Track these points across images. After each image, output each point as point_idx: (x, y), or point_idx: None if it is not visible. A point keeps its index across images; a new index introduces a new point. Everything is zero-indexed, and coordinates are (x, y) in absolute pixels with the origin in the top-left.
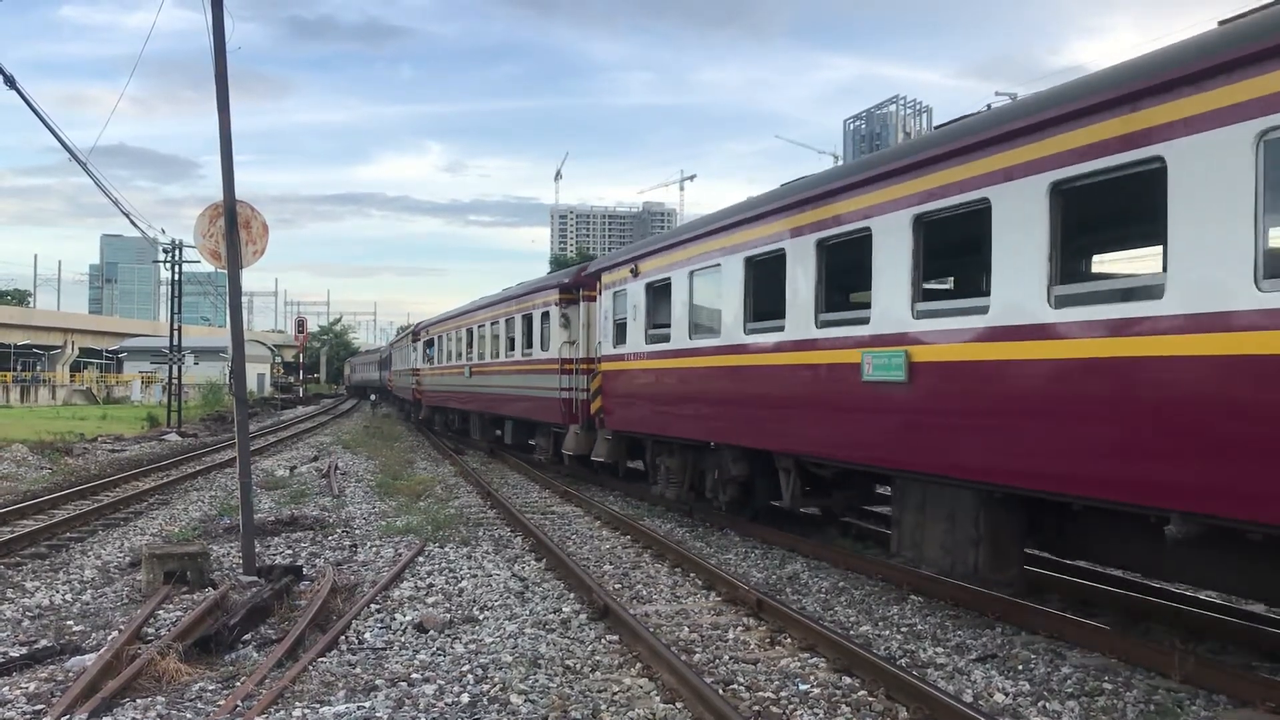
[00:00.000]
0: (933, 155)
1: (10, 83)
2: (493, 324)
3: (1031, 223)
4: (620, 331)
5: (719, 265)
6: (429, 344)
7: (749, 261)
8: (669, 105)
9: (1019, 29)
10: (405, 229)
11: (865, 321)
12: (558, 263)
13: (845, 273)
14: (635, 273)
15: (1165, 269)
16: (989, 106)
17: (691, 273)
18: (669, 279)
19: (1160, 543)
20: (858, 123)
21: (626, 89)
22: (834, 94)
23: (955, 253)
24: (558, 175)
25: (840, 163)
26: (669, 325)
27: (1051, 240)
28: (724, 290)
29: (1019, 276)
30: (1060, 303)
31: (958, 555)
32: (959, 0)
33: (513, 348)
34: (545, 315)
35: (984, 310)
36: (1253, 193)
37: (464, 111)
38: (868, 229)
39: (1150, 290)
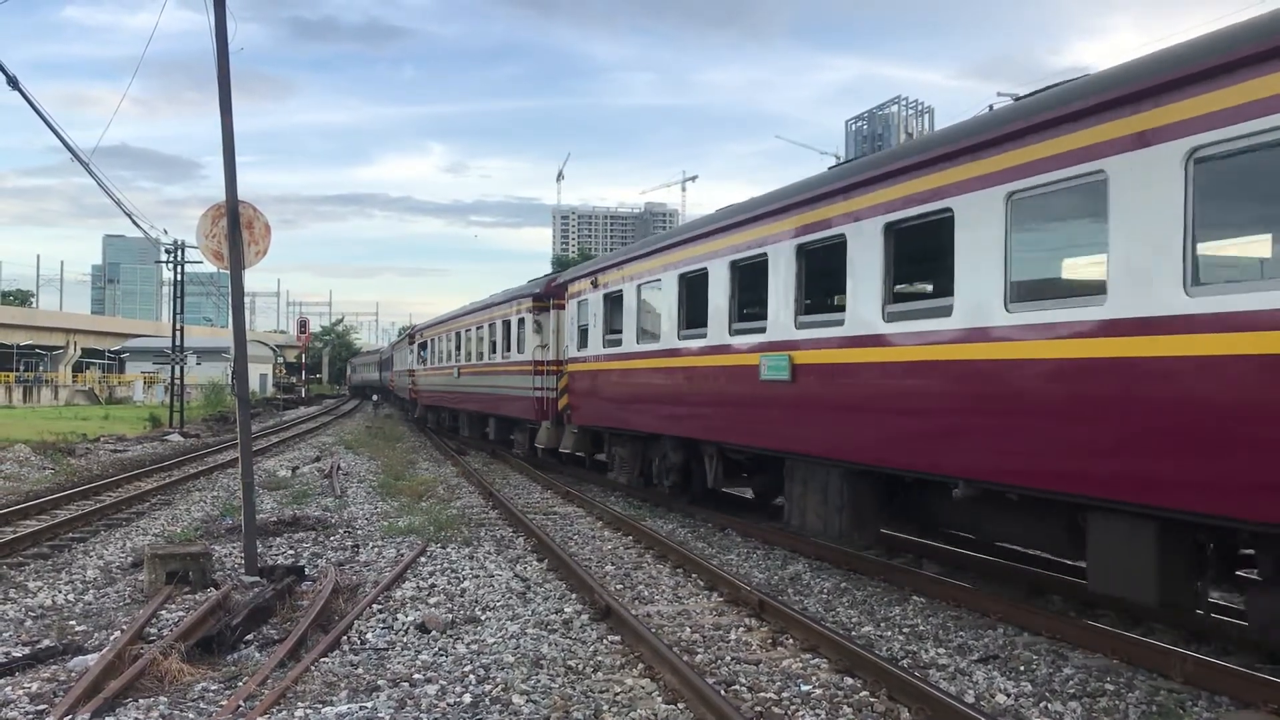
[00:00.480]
0: (806, 198)
1: (13, 83)
2: (477, 328)
3: (874, 254)
4: (583, 336)
5: (659, 280)
6: (423, 346)
7: (682, 278)
8: (670, 106)
9: (1020, 29)
10: (407, 229)
11: (763, 330)
12: (559, 263)
13: (752, 289)
14: (595, 284)
15: (954, 293)
16: (989, 107)
17: (639, 285)
18: (621, 290)
19: (951, 502)
20: (859, 123)
21: (628, 89)
22: (835, 95)
23: (826, 275)
24: (560, 176)
25: (842, 162)
26: (621, 331)
27: (885, 269)
28: (663, 301)
29: (865, 296)
30: (890, 318)
31: (828, 520)
32: (960, 1)
33: (494, 351)
34: (521, 321)
35: (841, 323)
36: (1002, 238)
37: (465, 112)
38: (764, 254)
39: (942, 309)
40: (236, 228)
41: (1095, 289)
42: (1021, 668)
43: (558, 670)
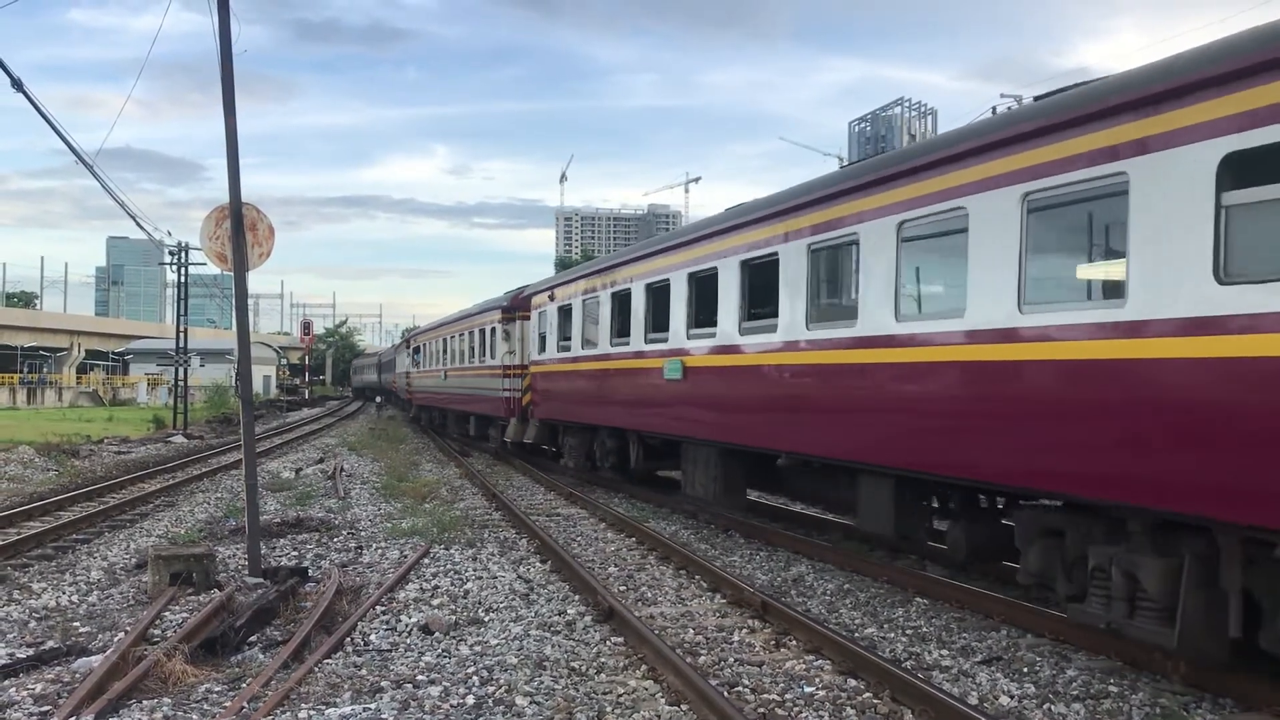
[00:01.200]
0: (694, 237)
1: (18, 86)
2: (459, 336)
3: (734, 285)
4: (542, 342)
5: (598, 296)
6: (416, 351)
7: (614, 295)
8: (673, 107)
9: (1023, 31)
10: (410, 231)
11: (666, 339)
12: (562, 264)
13: (663, 306)
14: (551, 298)
15: (777, 315)
16: (1004, 107)
17: (583, 300)
18: (570, 304)
19: (781, 471)
20: (862, 124)
21: (631, 91)
22: (838, 96)
23: (709, 297)
24: (563, 177)
25: (844, 163)
26: (570, 338)
27: (742, 296)
28: (601, 314)
29: (730, 314)
30: (744, 332)
31: (707, 490)
32: (963, 2)
33: (472, 356)
34: (493, 330)
35: (714, 335)
36: (806, 275)
37: (468, 114)
38: (668, 280)
39: (772, 326)
40: (240, 229)
41: (849, 313)
42: (1025, 669)
43: (561, 672)
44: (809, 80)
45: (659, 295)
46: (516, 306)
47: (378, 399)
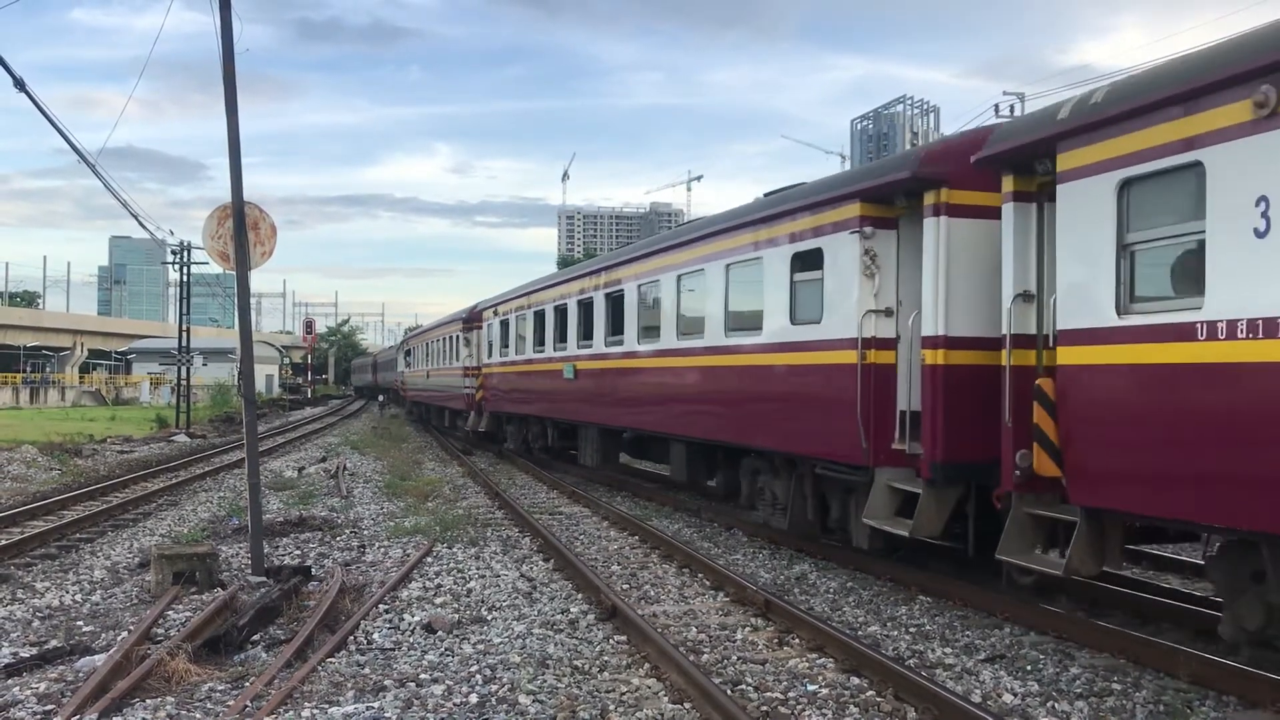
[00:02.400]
0: (582, 273)
1: (20, 85)
2: (437, 341)
3: (601, 310)
4: (490, 348)
5: (525, 313)
6: (408, 353)
7: (534, 313)
8: (677, 106)
9: (1026, 29)
10: (413, 230)
11: (565, 349)
12: (564, 262)
13: (563, 323)
14: (495, 313)
15: (623, 332)
16: (1002, 111)
17: (516, 315)
18: (508, 318)
19: (635, 444)
20: (865, 123)
21: (634, 90)
22: (841, 94)
23: (589, 318)
24: (565, 176)
25: (846, 163)
26: (508, 346)
27: (608, 317)
28: (526, 327)
29: (600, 332)
30: (608, 344)
31: (593, 459)
32: (966, 0)
33: (445, 359)
34: (457, 338)
35: (591, 346)
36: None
37: (471, 113)
38: (565, 304)
39: (620, 340)
40: (242, 229)
41: (655, 334)
42: (1028, 667)
43: (564, 670)
44: (812, 78)
45: (560, 314)
46: (473, 318)
47: (380, 398)
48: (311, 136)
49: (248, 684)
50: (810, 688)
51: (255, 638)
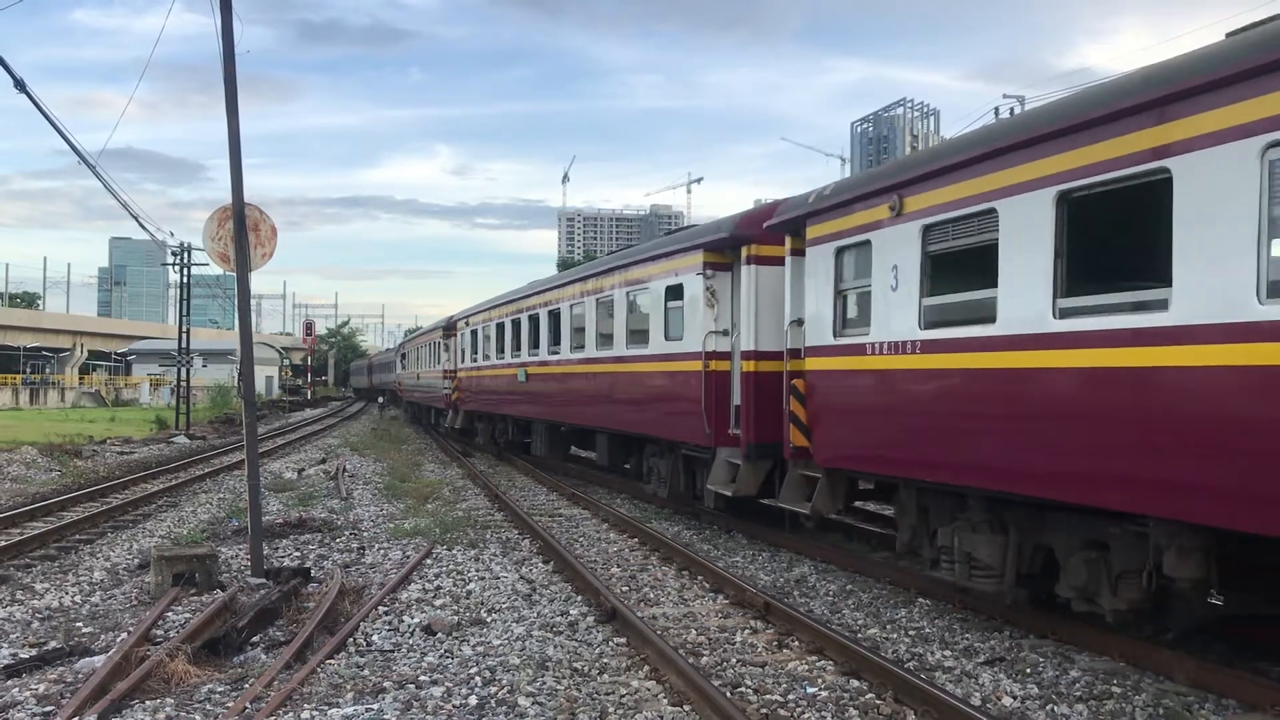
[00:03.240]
0: (528, 294)
1: (20, 86)
2: (425, 347)
3: (543, 324)
4: (463, 355)
5: (490, 325)
6: (404, 357)
7: (498, 326)
8: (677, 108)
9: (1026, 31)
10: (413, 232)
11: (520, 355)
12: (564, 265)
13: (518, 334)
14: (467, 324)
15: (559, 343)
16: (1010, 109)
17: (482, 326)
18: (475, 329)
19: (576, 436)
20: (865, 125)
21: (635, 92)
22: (842, 97)
23: (537, 331)
24: (565, 178)
25: (847, 165)
26: (476, 353)
27: (548, 329)
28: (491, 337)
29: (544, 342)
30: (549, 352)
31: (544, 451)
32: (966, 3)
33: (429, 363)
34: (438, 344)
35: (538, 352)
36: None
37: (472, 115)
38: (518, 318)
39: (557, 350)
40: (243, 230)
41: (581, 344)
42: (1028, 670)
43: (564, 672)
44: (812, 81)
45: (516, 326)
46: (450, 327)
47: (380, 399)
48: (312, 138)
49: (247, 685)
50: (810, 690)
51: (255, 639)
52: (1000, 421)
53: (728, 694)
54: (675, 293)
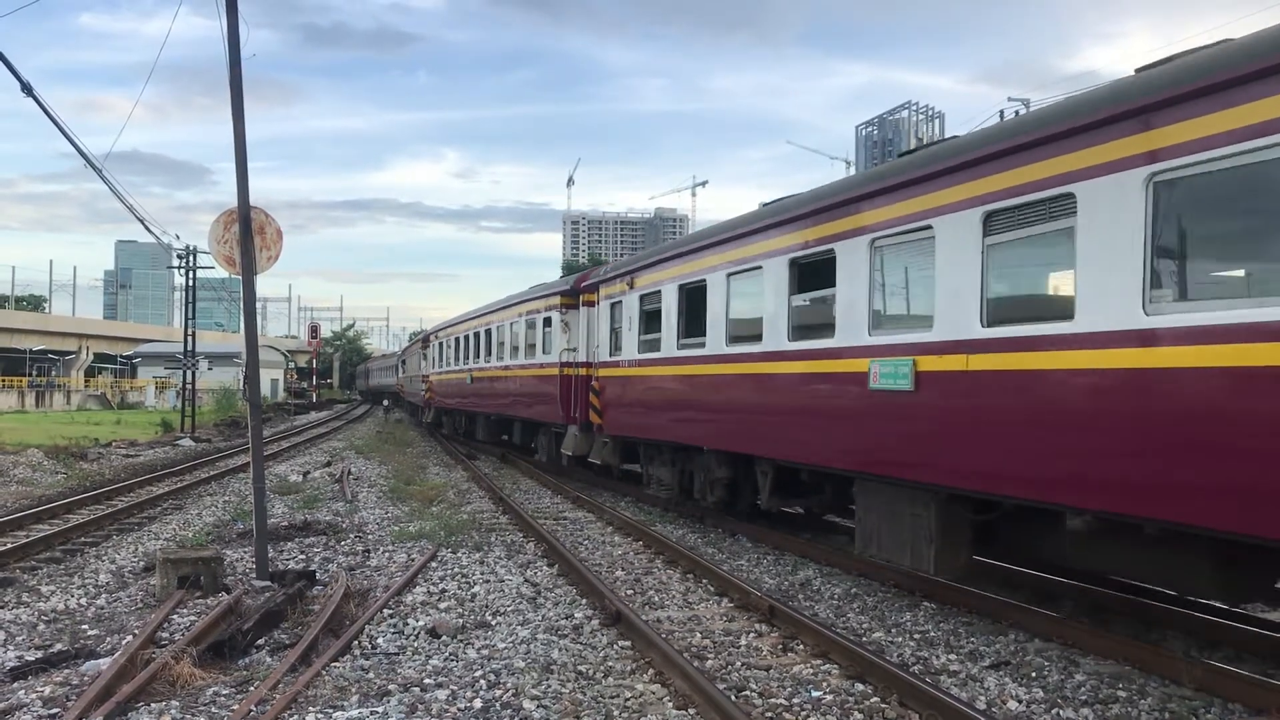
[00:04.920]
0: (480, 313)
1: (28, 90)
2: (414, 355)
3: (481, 338)
4: (434, 362)
5: (461, 337)
6: (403, 362)
7: (455, 340)
8: (681, 111)
9: (1032, 34)
10: (418, 235)
11: (468, 364)
12: (569, 268)
13: (466, 347)
14: (437, 337)
15: (494, 356)
16: (1011, 113)
17: (451, 338)
18: (443, 340)
19: (490, 422)
20: (870, 128)
21: (639, 95)
22: (847, 100)
23: (488, 344)
24: (570, 181)
25: (851, 169)
26: (443, 360)
27: (484, 344)
28: (459, 346)
29: (482, 352)
30: (484, 362)
31: (484, 435)
32: (972, 5)
33: (415, 368)
34: (416, 353)
35: (479, 362)
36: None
37: (477, 118)
38: (468, 334)
39: (489, 360)
40: (248, 233)
41: (505, 356)
42: (1033, 674)
43: (568, 675)
44: (817, 84)
45: (464, 342)
46: (426, 339)
47: (385, 402)
48: (317, 141)
49: (252, 688)
50: (815, 694)
51: (260, 642)
52: (670, 405)
53: (732, 697)
54: (547, 322)
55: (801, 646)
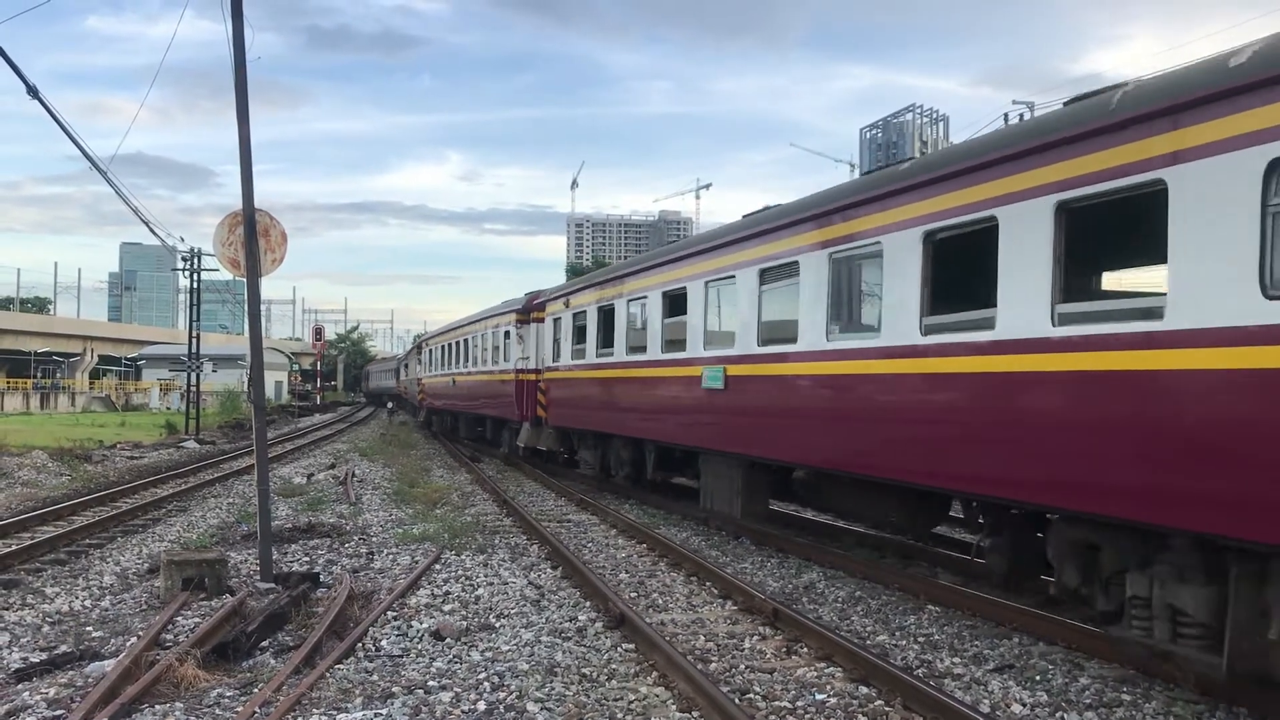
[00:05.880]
0: (453, 327)
1: (33, 93)
2: (413, 360)
3: (455, 348)
4: (426, 365)
5: (437, 347)
6: (405, 365)
7: (441, 346)
8: (685, 114)
9: (1036, 37)
10: (422, 237)
11: (451, 369)
12: (573, 271)
13: (449, 356)
14: (426, 345)
15: (471, 363)
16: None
17: (439, 346)
18: (432, 348)
19: (467, 420)
20: (874, 131)
21: (643, 98)
22: (851, 103)
23: (459, 353)
24: (574, 184)
25: (855, 172)
26: (432, 366)
27: (458, 352)
28: (436, 355)
29: (460, 360)
30: (466, 367)
31: (465, 432)
32: (976, 8)
33: (412, 372)
34: (411, 359)
35: (458, 367)
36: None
37: (481, 121)
38: (450, 343)
39: (465, 366)
40: (253, 236)
41: (471, 362)
42: (1037, 677)
43: (572, 678)
44: (821, 87)
45: (448, 349)
46: (418, 347)
47: (389, 404)
48: (321, 144)
49: (256, 690)
50: (819, 697)
51: (264, 644)
52: (592, 402)
53: (736, 700)
54: (506, 335)
55: (805, 649)
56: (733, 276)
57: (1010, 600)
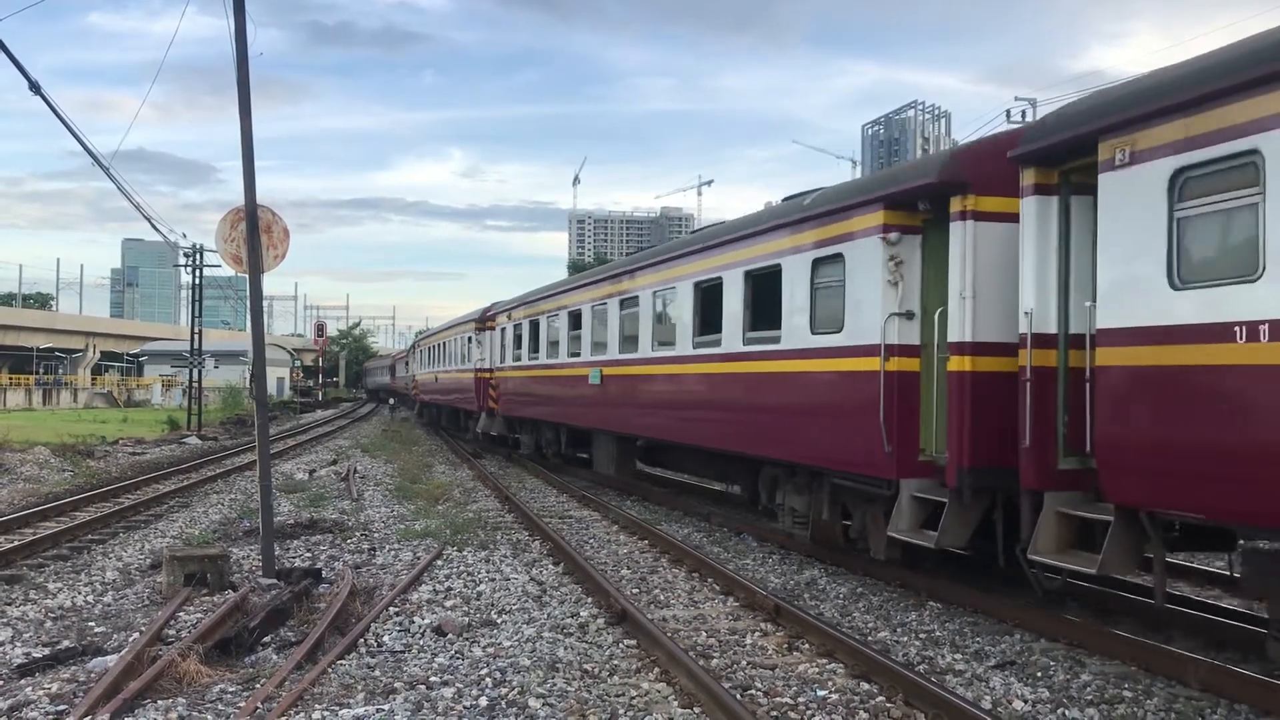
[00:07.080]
0: (435, 331)
1: (35, 89)
2: (410, 360)
3: (439, 351)
4: (418, 364)
5: (426, 349)
6: (403, 362)
7: (428, 348)
8: (687, 111)
9: (1038, 34)
10: (424, 234)
11: (435, 368)
12: (575, 267)
13: (435, 356)
14: (419, 346)
15: (448, 362)
16: (1010, 115)
17: (427, 348)
18: (424, 348)
19: (449, 412)
20: (876, 128)
21: (645, 95)
22: (853, 99)
23: (444, 353)
24: (576, 180)
25: (858, 170)
26: (425, 364)
27: (439, 354)
28: (427, 355)
29: (441, 360)
30: (444, 366)
31: (448, 424)
32: (978, 5)
33: (408, 370)
34: (408, 356)
35: (440, 366)
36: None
37: (483, 117)
38: (440, 344)
39: (450, 364)
40: (255, 232)
41: (449, 361)
42: (1039, 674)
43: (574, 674)
44: (824, 84)
45: (434, 349)
46: (413, 346)
47: (390, 400)
48: (323, 140)
49: (259, 685)
50: (820, 693)
51: (266, 639)
52: (525, 394)
53: (738, 696)
54: (469, 340)
55: (807, 645)
56: (605, 303)
57: (1012, 597)
